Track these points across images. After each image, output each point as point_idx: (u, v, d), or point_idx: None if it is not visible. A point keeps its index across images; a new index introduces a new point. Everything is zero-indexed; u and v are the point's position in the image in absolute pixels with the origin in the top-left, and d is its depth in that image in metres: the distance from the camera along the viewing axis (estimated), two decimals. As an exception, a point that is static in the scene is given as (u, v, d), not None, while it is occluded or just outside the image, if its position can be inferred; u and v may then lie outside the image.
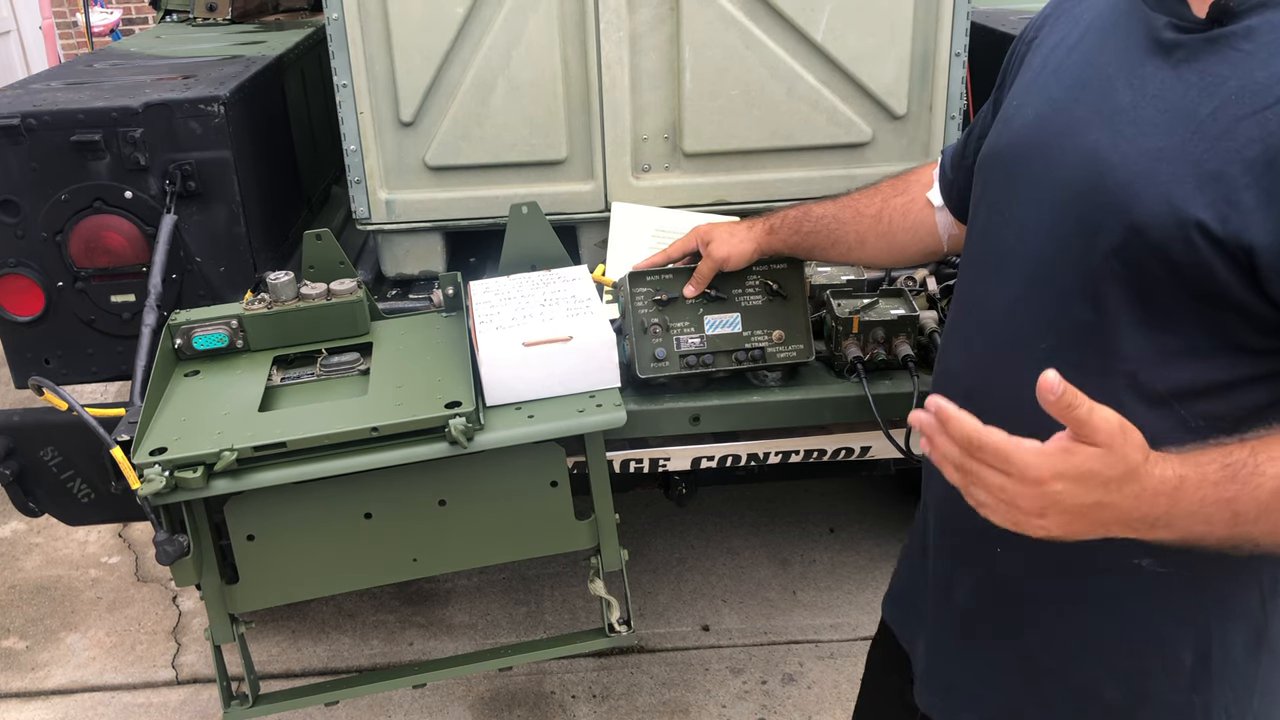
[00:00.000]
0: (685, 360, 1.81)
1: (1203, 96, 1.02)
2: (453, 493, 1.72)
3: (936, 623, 1.39)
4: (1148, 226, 1.02)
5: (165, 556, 1.61)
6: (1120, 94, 1.09)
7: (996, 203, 1.24)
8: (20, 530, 3.58)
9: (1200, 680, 1.17)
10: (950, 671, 1.38)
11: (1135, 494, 0.93)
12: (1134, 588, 1.16)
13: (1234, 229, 0.97)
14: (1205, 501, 0.93)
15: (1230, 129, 0.99)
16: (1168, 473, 0.93)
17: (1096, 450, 0.91)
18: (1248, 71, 0.99)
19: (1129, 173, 1.05)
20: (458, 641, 2.98)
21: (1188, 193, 1.00)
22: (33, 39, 7.74)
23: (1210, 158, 0.99)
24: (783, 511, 3.52)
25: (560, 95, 2.15)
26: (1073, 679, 1.23)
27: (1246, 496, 0.92)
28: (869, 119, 2.21)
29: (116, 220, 2.06)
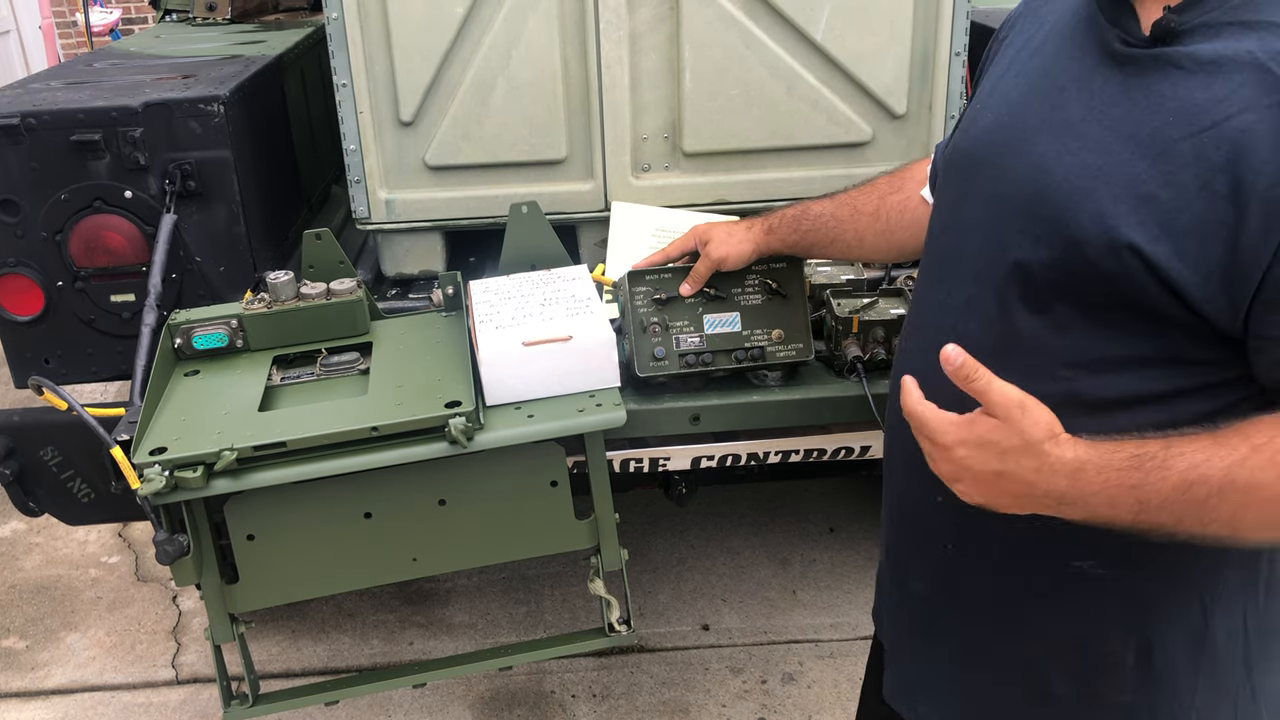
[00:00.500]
0: (684, 359, 1.81)
1: (1145, 115, 1.02)
2: (452, 492, 1.72)
3: (897, 617, 1.43)
4: (1083, 243, 1.04)
5: (165, 556, 1.62)
6: (1070, 105, 1.10)
7: (954, 204, 1.26)
8: (20, 530, 3.58)
9: (1143, 683, 1.19)
10: (911, 665, 1.41)
11: (1034, 468, 0.99)
12: (1077, 589, 1.18)
13: (1165, 252, 0.98)
14: (1108, 485, 0.97)
15: (1167, 150, 0.99)
16: (1068, 454, 0.98)
17: (995, 422, 0.99)
18: (1188, 92, 0.99)
19: (1070, 188, 1.06)
20: (458, 641, 2.98)
21: (1122, 213, 1.01)
22: (32, 38, 7.74)
23: (1147, 179, 1.00)
24: (783, 511, 3.52)
25: (560, 95, 2.15)
26: (1024, 676, 1.26)
27: (1151, 486, 0.95)
28: (869, 118, 2.21)
29: (116, 220, 2.06)
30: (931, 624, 1.35)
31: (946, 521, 1.27)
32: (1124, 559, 1.14)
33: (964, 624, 1.30)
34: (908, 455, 1.33)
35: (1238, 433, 0.95)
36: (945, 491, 1.26)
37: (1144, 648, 1.17)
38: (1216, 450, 0.94)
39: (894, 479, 1.39)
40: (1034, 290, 1.10)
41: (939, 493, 1.26)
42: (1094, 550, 1.15)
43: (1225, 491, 0.93)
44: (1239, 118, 0.95)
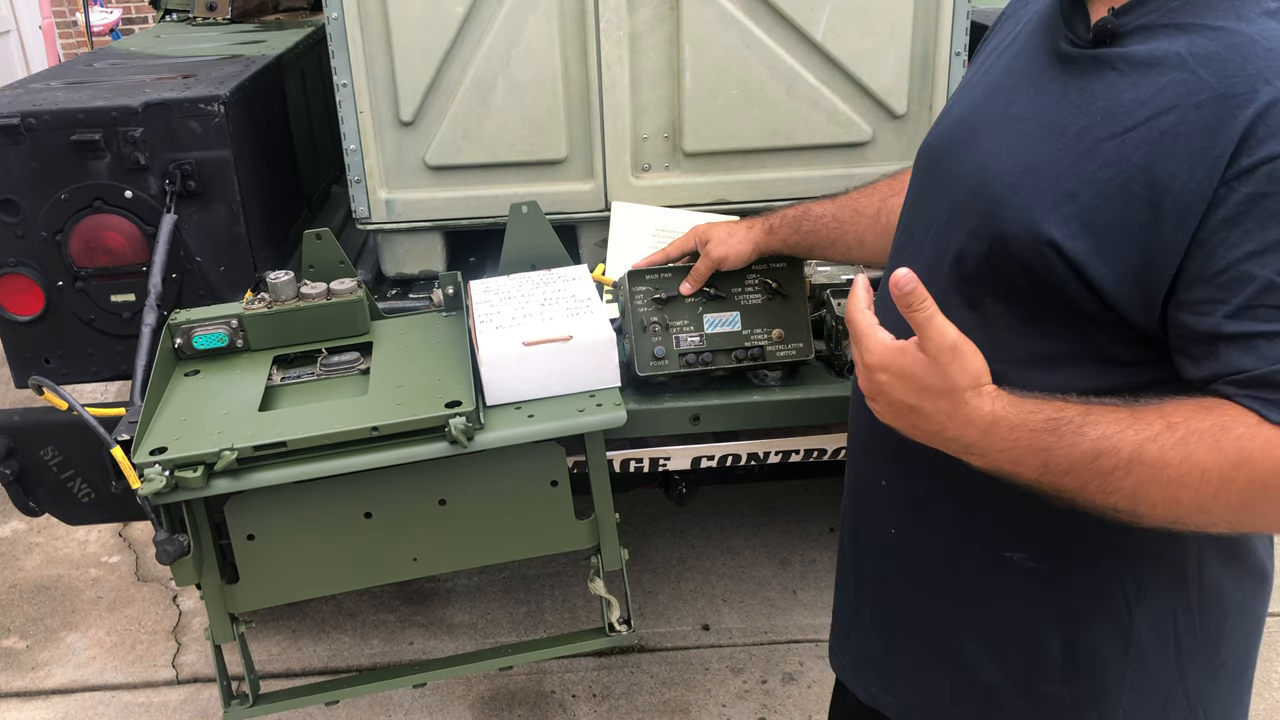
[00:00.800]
0: (684, 359, 1.81)
1: (1075, 114, 1.03)
2: (453, 492, 1.72)
3: (850, 593, 1.46)
4: (1009, 239, 1.06)
5: (165, 556, 1.62)
6: (1019, 104, 1.12)
7: (915, 200, 1.29)
8: (20, 530, 3.58)
9: (1069, 675, 1.21)
10: (860, 640, 1.44)
11: (947, 413, 1.01)
12: (1007, 580, 1.20)
13: (1083, 249, 1.00)
14: (1017, 444, 0.99)
15: (1091, 150, 1.00)
16: (985, 407, 1.00)
17: (923, 358, 1.00)
18: (1116, 94, 1.00)
19: (1002, 184, 1.08)
20: (458, 641, 2.98)
21: (1045, 209, 1.02)
22: (32, 38, 7.74)
23: (1069, 177, 1.01)
24: (783, 511, 3.52)
25: (560, 95, 2.15)
26: (961, 661, 1.28)
27: (1060, 451, 0.97)
28: (869, 118, 2.21)
29: (116, 220, 2.06)
30: (878, 604, 1.39)
31: (891, 506, 1.31)
32: (1053, 553, 1.17)
33: (906, 607, 1.34)
34: (861, 438, 1.37)
35: (1156, 410, 0.96)
36: (891, 476, 1.30)
37: (1069, 641, 1.20)
38: (1132, 424, 0.96)
39: (852, 459, 1.43)
40: (968, 285, 1.13)
41: (884, 477, 1.31)
42: (1026, 543, 1.18)
43: (1132, 466, 0.94)
44: (1160, 119, 0.96)
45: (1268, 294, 0.91)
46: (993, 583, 1.22)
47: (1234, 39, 0.95)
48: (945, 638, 1.29)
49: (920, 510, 1.27)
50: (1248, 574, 1.21)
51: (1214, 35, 0.96)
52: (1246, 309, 0.92)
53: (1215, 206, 0.92)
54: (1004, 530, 1.18)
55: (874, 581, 1.39)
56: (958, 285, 1.14)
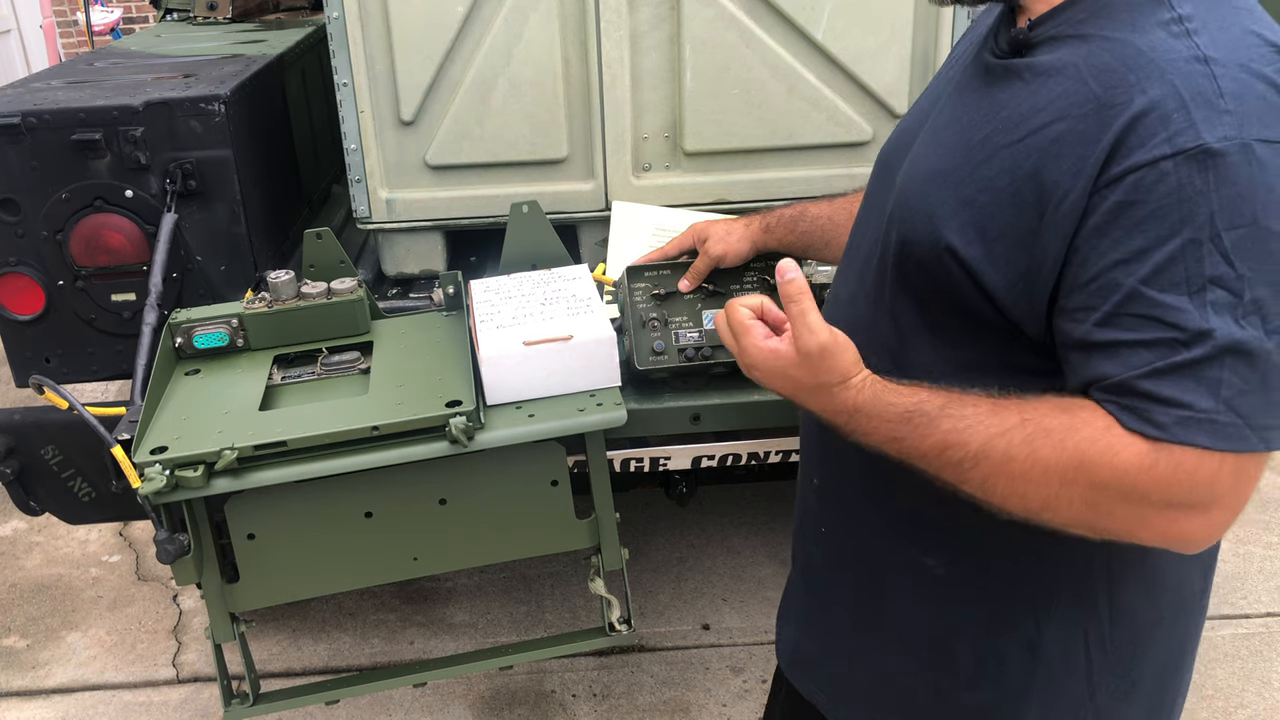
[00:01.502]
0: (684, 353, 1.81)
1: (981, 123, 1.05)
2: (453, 492, 1.72)
3: (790, 589, 1.48)
4: (913, 244, 1.08)
5: (166, 555, 1.61)
6: (943, 113, 1.14)
7: (863, 206, 1.31)
8: (21, 529, 3.58)
9: (978, 683, 1.21)
10: (794, 637, 1.46)
11: (820, 404, 1.09)
12: (922, 585, 1.22)
13: (978, 255, 1.01)
14: (874, 432, 1.05)
15: (990, 157, 1.01)
16: (848, 401, 1.06)
17: (795, 359, 1.07)
18: (1018, 103, 1.01)
19: (912, 190, 1.10)
20: (458, 640, 2.98)
21: (945, 215, 1.04)
22: (33, 38, 7.75)
23: (969, 183, 1.02)
24: (783, 511, 3.52)
25: (561, 94, 2.15)
26: (878, 663, 1.30)
27: (911, 442, 1.02)
28: (870, 118, 2.21)
29: (117, 219, 2.06)
30: (808, 601, 1.41)
31: (822, 503, 1.33)
32: (964, 561, 1.17)
33: (833, 606, 1.36)
34: (805, 435, 1.40)
35: (1016, 405, 0.98)
36: (820, 476, 1.33)
37: (978, 650, 1.20)
38: (988, 419, 0.98)
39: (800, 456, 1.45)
40: (884, 290, 1.15)
41: (816, 476, 1.34)
42: (939, 549, 1.19)
43: (979, 459, 0.97)
44: (1051, 127, 0.97)
45: (1131, 302, 0.91)
46: (909, 586, 1.23)
47: (1124, 49, 0.95)
48: (864, 639, 1.31)
49: (845, 510, 1.30)
50: (1164, 596, 1.20)
51: (1108, 46, 0.96)
52: (1113, 316, 0.92)
53: (1088, 214, 0.93)
54: (919, 535, 1.20)
55: (805, 579, 1.43)
56: (878, 292, 1.17)
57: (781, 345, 1.09)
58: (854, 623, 1.33)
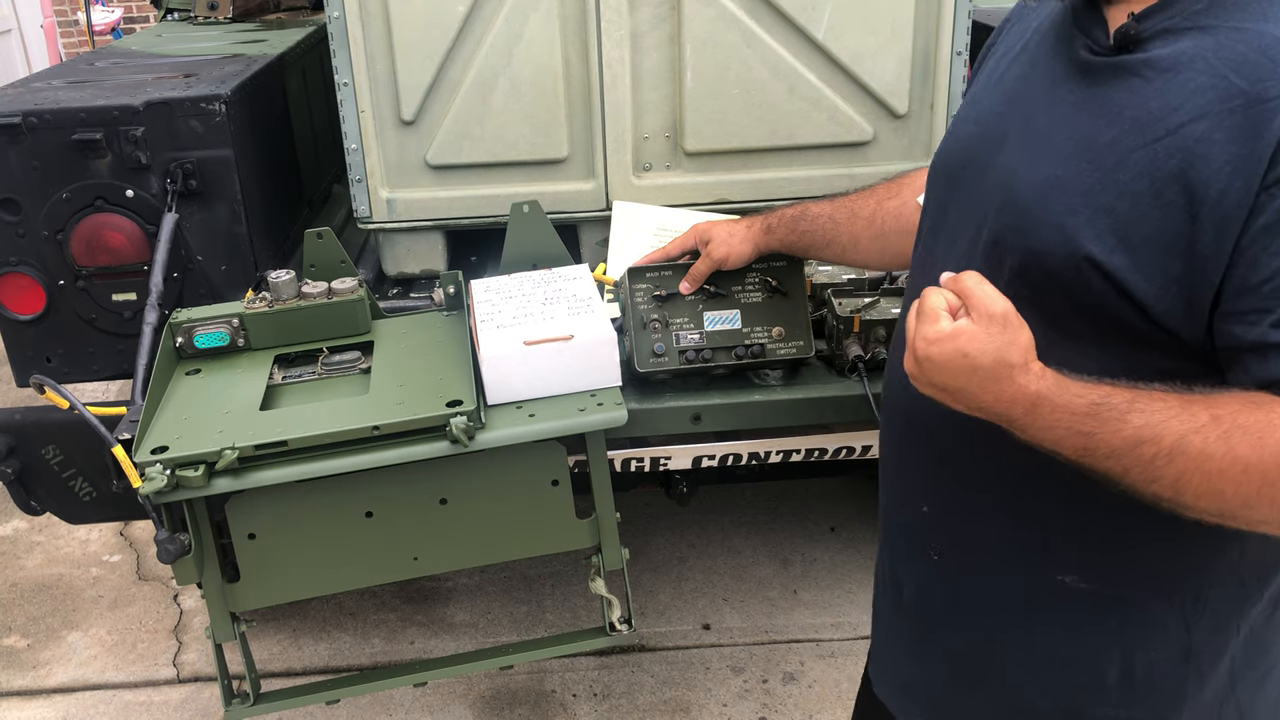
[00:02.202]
0: (684, 356, 1.81)
1: (1102, 125, 1.01)
2: (454, 491, 1.72)
3: (890, 619, 1.43)
4: (1044, 255, 1.03)
5: (166, 555, 1.62)
6: (1039, 115, 1.09)
7: (935, 214, 1.26)
8: (22, 529, 3.58)
9: (1124, 697, 1.18)
10: (902, 668, 1.41)
11: (995, 392, 0.98)
12: (1059, 603, 1.17)
13: (1123, 264, 0.97)
14: (1058, 426, 0.97)
15: (1122, 161, 0.98)
16: (1030, 388, 0.98)
17: (977, 333, 0.98)
18: (1143, 102, 0.98)
19: (1030, 199, 1.06)
20: (459, 640, 2.98)
21: (1079, 225, 1.00)
22: (34, 37, 7.75)
23: (1102, 190, 0.99)
24: (784, 510, 3.52)
25: (561, 94, 2.15)
26: (1006, 688, 1.25)
27: (1102, 436, 0.95)
28: (870, 118, 2.21)
29: (118, 219, 2.06)
30: (920, 630, 1.35)
31: (933, 530, 1.27)
32: (1107, 574, 1.13)
33: (949, 633, 1.30)
34: (899, 463, 1.34)
35: (1204, 401, 0.94)
36: (932, 502, 1.25)
37: (1127, 663, 1.16)
38: (1178, 414, 0.93)
39: (888, 484, 1.39)
40: None
41: (926, 503, 1.27)
42: (1079, 566, 1.14)
43: (1174, 455, 0.93)
44: (1192, 126, 0.94)
45: None
46: (1042, 607, 1.19)
47: (1262, 40, 0.92)
48: (991, 664, 1.26)
49: (965, 536, 1.24)
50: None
51: (1240, 37, 0.94)
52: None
53: (1256, 214, 0.90)
54: (1055, 553, 1.15)
55: (916, 607, 1.35)
56: None
57: (962, 321, 0.99)
58: (978, 649, 1.27)
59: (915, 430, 1.26)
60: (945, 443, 1.20)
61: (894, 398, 1.32)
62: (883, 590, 1.45)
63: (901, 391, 1.27)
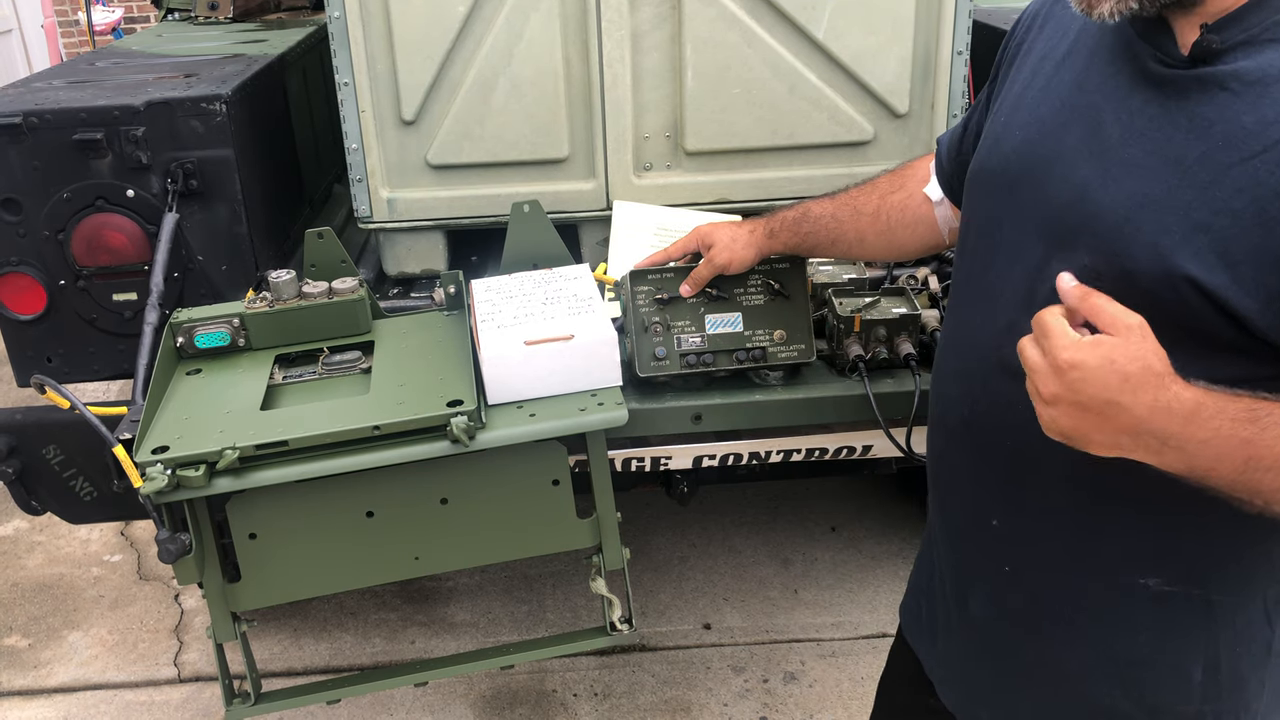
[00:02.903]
0: (686, 359, 1.80)
1: (1190, 140, 0.99)
2: (454, 491, 1.72)
3: (954, 631, 1.40)
4: (1137, 274, 1.01)
5: (167, 555, 1.62)
6: (1109, 128, 1.07)
7: (985, 225, 1.23)
8: (22, 528, 3.58)
9: (1210, 693, 1.17)
10: (971, 678, 1.39)
11: (1150, 403, 0.92)
12: (1140, 605, 1.16)
13: (1223, 282, 0.96)
14: (1220, 433, 0.91)
15: (1218, 177, 0.96)
16: (1186, 393, 0.92)
17: (1118, 340, 0.93)
18: (1234, 116, 0.96)
19: (1117, 217, 1.03)
20: (459, 640, 2.98)
21: (1175, 243, 0.98)
22: (34, 37, 7.75)
23: (1198, 207, 0.97)
24: (784, 510, 3.52)
25: (562, 94, 2.15)
26: (1086, 692, 1.24)
27: (1264, 443, 0.91)
28: (871, 117, 2.21)
29: (118, 219, 2.06)
30: (993, 641, 1.33)
31: (1004, 542, 1.26)
32: (1189, 575, 1.12)
33: (1026, 641, 1.28)
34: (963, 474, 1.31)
35: None
36: (1004, 513, 1.23)
37: (1211, 661, 1.16)
38: None
39: (946, 496, 1.37)
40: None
41: (995, 515, 1.25)
42: (1158, 567, 1.13)
43: None
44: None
45: None
46: (1121, 611, 1.18)
47: None
48: (1068, 670, 1.24)
49: (1037, 546, 1.22)
50: None
51: None
52: None
53: None
54: (1133, 557, 1.14)
55: (985, 619, 1.33)
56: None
57: (1097, 336, 0.94)
58: (1051, 657, 1.25)
59: (981, 444, 1.24)
60: (1016, 455, 1.18)
61: (950, 412, 1.29)
62: (938, 603, 1.42)
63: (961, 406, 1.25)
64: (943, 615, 1.42)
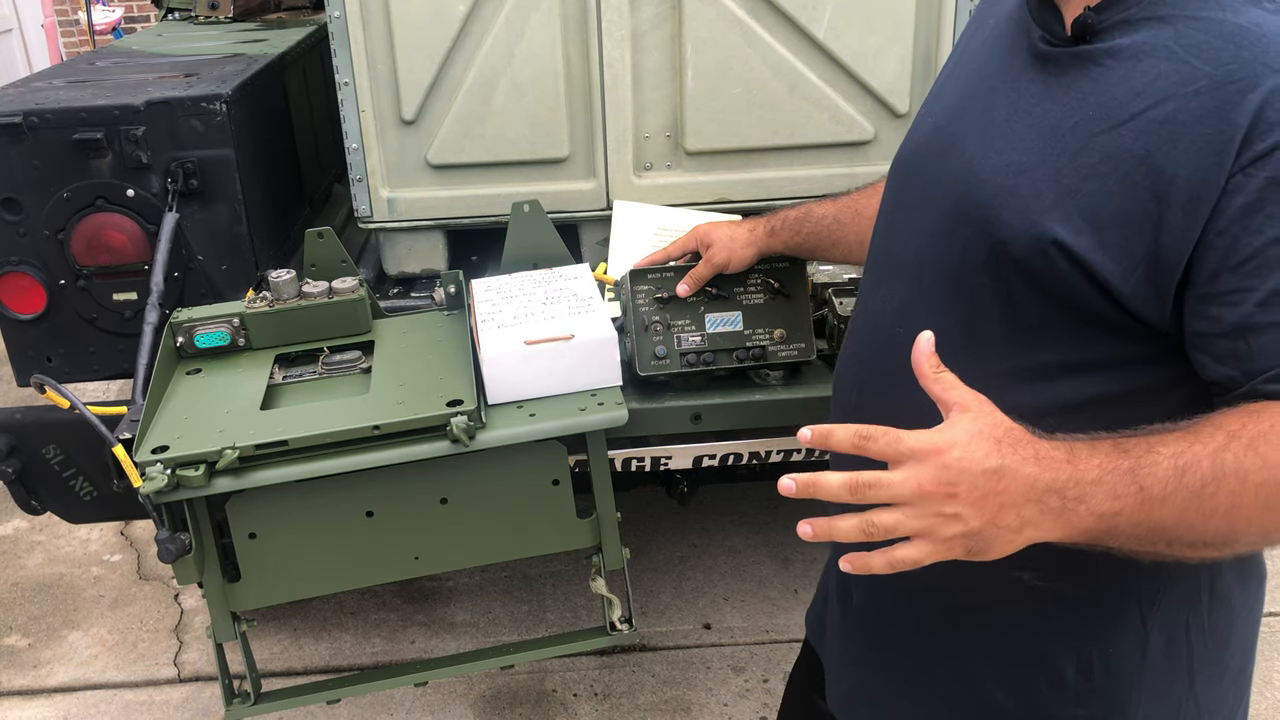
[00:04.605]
0: (686, 358, 1.80)
1: (1065, 112, 1.02)
2: (454, 491, 1.72)
3: (841, 624, 1.42)
4: (1009, 241, 1.03)
5: (167, 555, 1.62)
6: (998, 106, 1.10)
7: (893, 209, 1.26)
8: (22, 528, 3.58)
9: (1083, 694, 1.18)
10: (854, 673, 1.40)
11: (1031, 456, 0.88)
12: (1016, 600, 1.17)
13: (1089, 245, 0.98)
14: (1104, 468, 0.89)
15: (1086, 145, 0.99)
16: (1052, 441, 0.91)
17: (971, 413, 0.90)
18: (1107, 88, 0.99)
19: (994, 187, 1.06)
20: (459, 640, 2.98)
21: (1045, 208, 1.00)
22: (35, 37, 7.75)
23: (1067, 173, 1.00)
24: (784, 510, 3.52)
25: (562, 93, 2.15)
26: (967, 686, 1.24)
27: (1146, 472, 0.88)
28: (871, 117, 2.21)
29: (118, 218, 2.06)
30: (873, 635, 1.35)
31: None
32: (1062, 569, 1.12)
33: (905, 636, 1.29)
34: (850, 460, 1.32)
35: (1209, 423, 0.90)
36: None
37: (1084, 659, 1.16)
38: (1194, 440, 0.89)
39: None
40: (965, 295, 1.10)
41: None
42: (1032, 561, 1.11)
43: (1219, 478, 0.87)
44: (1156, 109, 0.95)
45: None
46: (999, 604, 1.18)
47: (1222, 28, 0.94)
48: (949, 664, 1.25)
49: None
50: (1250, 575, 1.19)
51: (1200, 25, 0.95)
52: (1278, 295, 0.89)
53: (1232, 194, 0.90)
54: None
55: (866, 612, 1.35)
56: (952, 298, 1.11)
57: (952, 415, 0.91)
58: (937, 650, 1.26)
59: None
60: None
61: (843, 394, 1.32)
62: (831, 596, 1.44)
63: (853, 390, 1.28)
64: (832, 612, 1.44)
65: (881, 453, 0.91)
